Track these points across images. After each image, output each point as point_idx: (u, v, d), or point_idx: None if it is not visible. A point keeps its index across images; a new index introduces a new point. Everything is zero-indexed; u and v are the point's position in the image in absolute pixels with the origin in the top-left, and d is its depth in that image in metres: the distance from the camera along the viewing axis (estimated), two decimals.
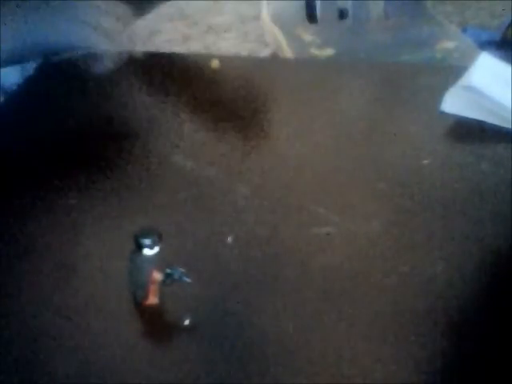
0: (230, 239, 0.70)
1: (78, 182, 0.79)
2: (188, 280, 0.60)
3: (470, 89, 0.95)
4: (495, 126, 0.92)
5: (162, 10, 1.28)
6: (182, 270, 0.60)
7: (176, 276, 0.60)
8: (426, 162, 0.85)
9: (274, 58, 1.07)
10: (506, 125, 0.91)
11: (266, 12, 1.64)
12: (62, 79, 1.02)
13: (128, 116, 0.93)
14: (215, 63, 1.07)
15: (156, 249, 0.59)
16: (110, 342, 0.59)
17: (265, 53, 1.57)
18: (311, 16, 1.14)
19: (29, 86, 1.00)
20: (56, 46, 1.03)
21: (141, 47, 1.28)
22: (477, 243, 0.71)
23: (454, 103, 0.95)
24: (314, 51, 1.04)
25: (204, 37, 1.84)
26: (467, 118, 0.94)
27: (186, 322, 0.60)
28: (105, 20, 1.10)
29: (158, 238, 0.59)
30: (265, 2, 1.64)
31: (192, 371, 0.56)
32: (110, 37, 1.08)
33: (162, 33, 1.78)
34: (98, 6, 1.08)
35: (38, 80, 1.02)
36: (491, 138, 0.91)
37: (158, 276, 0.60)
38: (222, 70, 1.06)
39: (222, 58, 1.07)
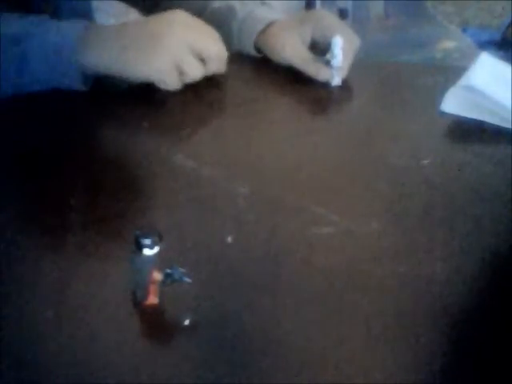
0: (230, 239, 0.70)
1: (78, 182, 0.79)
2: (188, 280, 0.60)
3: (470, 89, 0.95)
4: (495, 126, 0.92)
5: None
6: (182, 269, 0.60)
7: (176, 276, 0.60)
8: (425, 162, 0.85)
9: None
10: (506, 125, 0.91)
11: None
12: None
13: (128, 116, 0.93)
14: None
15: (156, 249, 0.59)
16: (110, 341, 0.59)
17: None
18: None
19: None
20: None
21: None
22: (476, 243, 0.71)
23: (453, 103, 0.95)
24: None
25: None
26: (467, 118, 0.94)
27: (186, 322, 0.60)
28: (99, 16, 1.10)
29: (158, 238, 0.59)
30: None
31: (192, 371, 0.56)
32: None
33: None
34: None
35: None
36: (491, 138, 0.91)
37: (157, 276, 0.60)
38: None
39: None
